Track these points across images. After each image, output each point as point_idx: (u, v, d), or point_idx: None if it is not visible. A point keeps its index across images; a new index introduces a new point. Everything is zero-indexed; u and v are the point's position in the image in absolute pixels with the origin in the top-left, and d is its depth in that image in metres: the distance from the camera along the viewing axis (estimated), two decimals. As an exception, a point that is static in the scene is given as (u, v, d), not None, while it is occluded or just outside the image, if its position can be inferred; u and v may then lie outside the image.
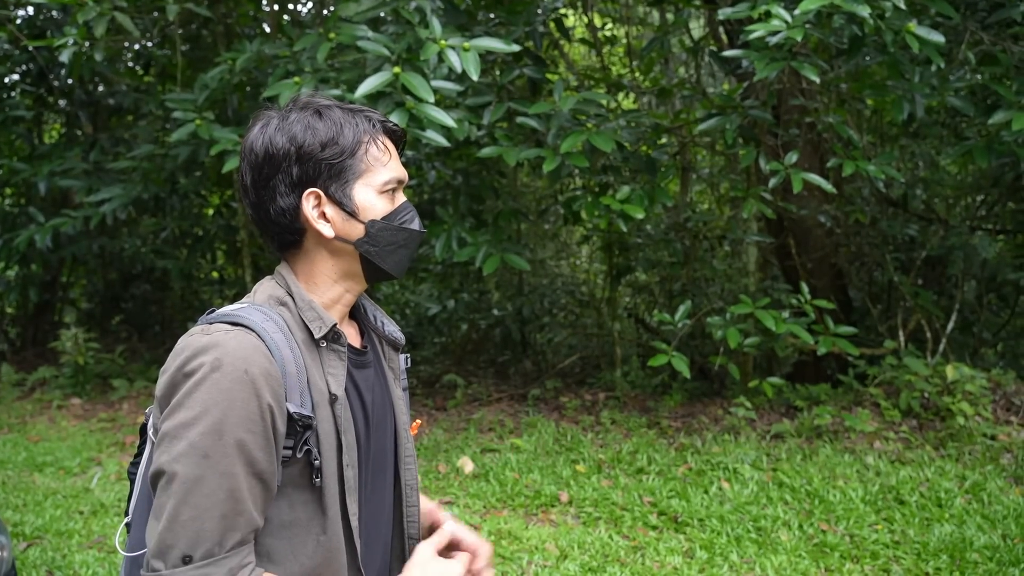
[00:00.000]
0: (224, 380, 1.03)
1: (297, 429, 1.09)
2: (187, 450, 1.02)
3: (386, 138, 1.21)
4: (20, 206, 7.48)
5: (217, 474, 1.02)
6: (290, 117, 1.16)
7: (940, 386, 5.14)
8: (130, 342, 8.38)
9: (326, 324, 1.15)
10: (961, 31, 4.63)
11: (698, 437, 5.09)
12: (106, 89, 7.80)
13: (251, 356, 1.05)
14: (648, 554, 3.62)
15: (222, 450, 1.02)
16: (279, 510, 1.11)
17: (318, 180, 1.16)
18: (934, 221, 6.89)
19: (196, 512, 1.01)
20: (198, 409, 1.02)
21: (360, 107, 1.21)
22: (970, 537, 3.62)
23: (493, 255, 4.80)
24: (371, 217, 1.17)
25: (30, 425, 5.99)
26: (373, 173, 1.18)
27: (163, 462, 1.04)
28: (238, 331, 1.08)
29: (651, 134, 5.43)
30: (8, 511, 4.17)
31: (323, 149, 1.14)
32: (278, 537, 1.11)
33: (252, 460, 1.04)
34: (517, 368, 7.58)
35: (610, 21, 7.58)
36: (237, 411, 1.03)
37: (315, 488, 1.11)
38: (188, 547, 1.01)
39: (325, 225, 1.17)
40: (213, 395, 1.03)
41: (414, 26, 3.66)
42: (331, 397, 1.13)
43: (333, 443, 1.13)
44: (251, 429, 1.04)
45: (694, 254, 6.58)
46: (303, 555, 1.11)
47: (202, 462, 1.02)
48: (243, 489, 1.03)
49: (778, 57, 3.85)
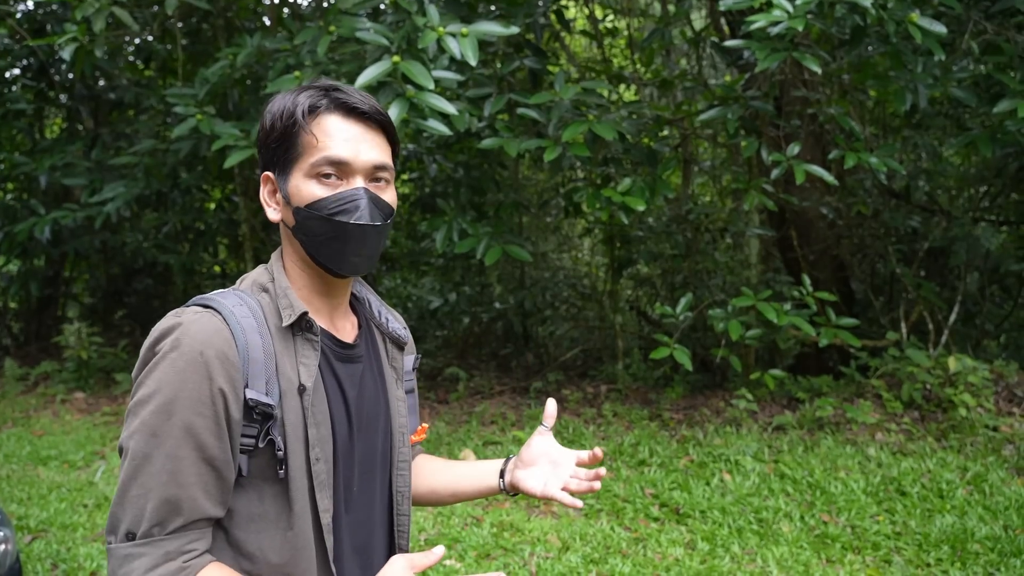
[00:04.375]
0: (180, 360, 1.02)
1: (255, 417, 1.05)
2: (139, 427, 1.01)
3: (339, 117, 1.11)
4: (21, 200, 7.49)
5: (163, 455, 1.00)
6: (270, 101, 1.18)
7: (942, 378, 5.14)
8: (133, 336, 8.40)
9: (295, 311, 1.10)
10: (964, 21, 4.60)
11: (700, 429, 5.09)
12: (107, 84, 7.79)
13: (210, 339, 1.03)
14: (650, 545, 3.62)
15: (169, 431, 1.00)
16: (248, 502, 1.08)
17: (268, 165, 1.15)
18: (937, 212, 6.87)
19: (142, 490, 1.00)
20: (153, 387, 1.02)
21: (324, 85, 1.13)
22: (971, 528, 3.62)
23: (494, 247, 4.80)
24: (297, 204, 1.11)
25: (34, 419, 6.01)
26: (306, 156, 1.10)
27: (123, 437, 1.04)
28: (205, 313, 1.06)
29: (653, 126, 5.42)
30: (13, 504, 4.18)
31: (268, 134, 1.13)
32: (246, 530, 1.08)
33: (201, 445, 1.01)
34: (519, 361, 7.59)
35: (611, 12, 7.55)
36: (188, 393, 1.01)
37: (281, 481, 1.08)
38: (131, 524, 1.00)
39: (271, 210, 1.16)
40: (168, 375, 1.01)
41: (411, 15, 3.64)
42: (300, 387, 1.09)
43: (300, 435, 1.09)
44: (201, 412, 1.01)
45: (696, 246, 6.57)
46: (270, 550, 1.08)
47: (150, 440, 1.00)
48: (189, 472, 1.01)
49: (780, 48, 3.83)
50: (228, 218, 7.79)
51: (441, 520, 3.93)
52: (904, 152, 6.68)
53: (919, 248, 6.63)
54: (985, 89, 4.64)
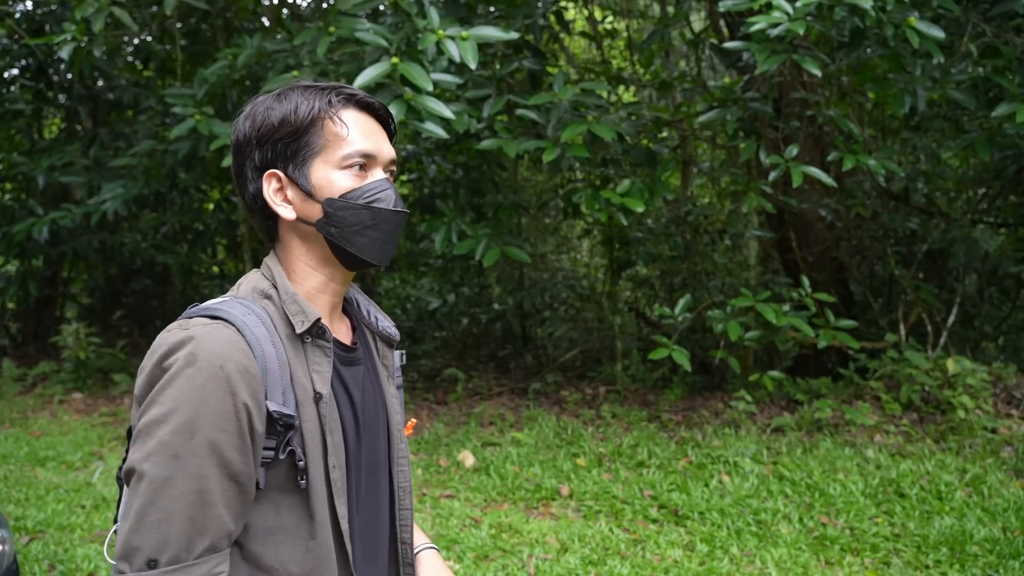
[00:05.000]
0: (198, 376, 0.98)
1: (278, 429, 1.03)
2: (157, 448, 0.97)
3: (356, 112, 1.13)
4: (20, 200, 7.49)
5: (187, 475, 0.96)
6: (257, 102, 1.14)
7: (941, 379, 5.14)
8: (131, 337, 8.39)
9: (309, 318, 1.09)
10: (963, 23, 4.61)
11: (698, 431, 5.09)
12: (105, 84, 7.79)
13: (228, 352, 0.99)
14: (648, 547, 3.62)
15: (193, 450, 0.97)
16: (264, 515, 1.06)
17: (277, 162, 1.12)
18: (935, 215, 6.87)
19: (163, 514, 0.96)
20: (169, 406, 0.97)
21: (330, 84, 1.14)
22: (970, 530, 3.62)
23: (493, 248, 4.80)
24: (328, 195, 1.10)
25: (32, 420, 6.00)
26: (332, 149, 1.10)
27: (134, 460, 0.98)
28: (216, 325, 1.02)
29: (652, 127, 5.42)
30: (10, 505, 4.17)
31: (278, 129, 1.10)
32: (264, 544, 1.05)
33: (226, 461, 0.98)
34: (518, 362, 7.59)
35: (610, 14, 7.56)
36: (210, 409, 0.97)
37: (301, 491, 1.06)
38: (154, 551, 0.96)
39: (285, 208, 1.12)
40: (186, 392, 0.97)
41: (411, 17, 3.64)
42: (315, 395, 1.07)
43: (319, 443, 1.07)
44: (225, 428, 0.98)
45: (695, 248, 6.57)
46: (291, 562, 1.06)
47: (172, 462, 0.96)
48: (215, 491, 0.98)
49: (779, 50, 3.83)
50: (227, 218, 7.79)
51: (439, 521, 3.93)
52: (903, 154, 6.69)
53: (918, 250, 6.64)
54: (984, 92, 4.65)
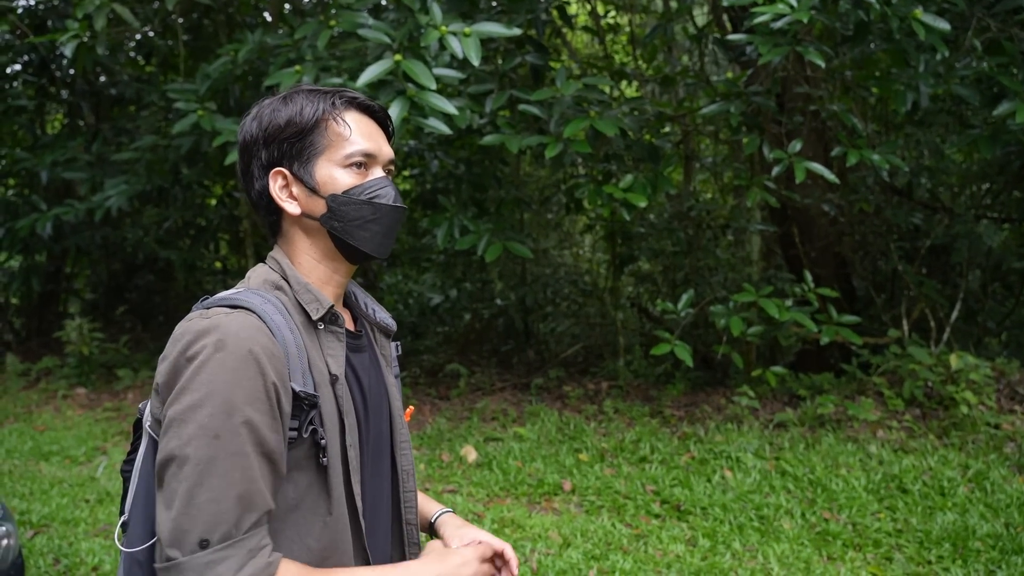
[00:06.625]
0: (229, 360, 1.02)
1: (304, 407, 1.09)
2: (197, 432, 1.00)
3: (357, 114, 1.22)
4: (23, 196, 7.50)
5: (230, 454, 1.01)
6: (263, 105, 1.21)
7: (944, 375, 5.13)
8: (134, 332, 8.42)
9: (323, 306, 1.17)
10: (968, 17, 4.58)
11: (701, 426, 5.09)
12: (108, 79, 7.79)
13: (254, 336, 1.05)
14: (651, 542, 3.63)
15: (232, 429, 1.01)
16: (283, 493, 1.10)
17: (283, 160, 1.19)
18: (939, 210, 6.85)
19: (213, 494, 0.99)
20: (204, 390, 1.01)
21: (334, 88, 1.23)
22: (973, 526, 3.62)
23: (495, 243, 4.79)
24: (331, 191, 1.18)
25: (36, 415, 6.02)
26: (335, 148, 1.19)
27: (172, 447, 1.01)
28: (238, 312, 1.08)
29: (654, 122, 5.41)
30: (15, 499, 4.19)
31: (284, 130, 1.18)
32: (283, 521, 1.10)
33: (261, 440, 1.03)
34: (520, 357, 7.59)
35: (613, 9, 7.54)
36: (244, 390, 1.02)
37: (320, 468, 1.12)
38: (205, 531, 0.99)
39: (291, 203, 1.20)
40: (219, 375, 1.01)
41: (414, 12, 3.63)
42: (332, 377, 1.14)
43: (336, 423, 1.14)
44: (258, 408, 1.03)
45: (697, 243, 6.57)
46: (310, 537, 1.11)
47: (213, 443, 1.00)
48: (255, 468, 1.02)
49: (783, 42, 3.82)
50: (229, 214, 7.80)
51: (442, 516, 3.93)
52: (906, 149, 6.67)
53: (921, 245, 6.62)
54: (988, 87, 4.62)
